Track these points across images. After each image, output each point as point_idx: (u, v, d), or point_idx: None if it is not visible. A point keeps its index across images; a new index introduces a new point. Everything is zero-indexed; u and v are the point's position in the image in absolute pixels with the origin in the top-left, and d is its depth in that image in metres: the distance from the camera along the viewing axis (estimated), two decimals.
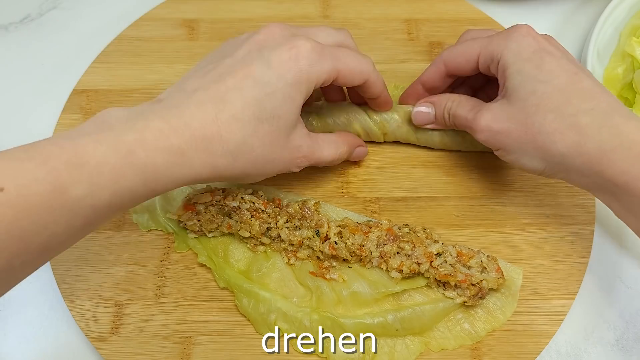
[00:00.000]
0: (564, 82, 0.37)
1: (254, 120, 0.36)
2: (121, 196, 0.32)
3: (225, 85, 0.36)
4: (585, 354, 0.44)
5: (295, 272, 0.44)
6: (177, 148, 0.33)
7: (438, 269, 0.42)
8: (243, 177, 0.38)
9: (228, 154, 0.36)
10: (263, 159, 0.38)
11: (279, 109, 0.37)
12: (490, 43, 0.41)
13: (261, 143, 0.37)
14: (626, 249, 0.48)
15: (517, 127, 0.39)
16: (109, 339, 0.42)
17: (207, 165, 0.35)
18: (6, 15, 0.59)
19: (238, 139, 0.36)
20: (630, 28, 0.54)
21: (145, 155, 0.32)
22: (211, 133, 0.35)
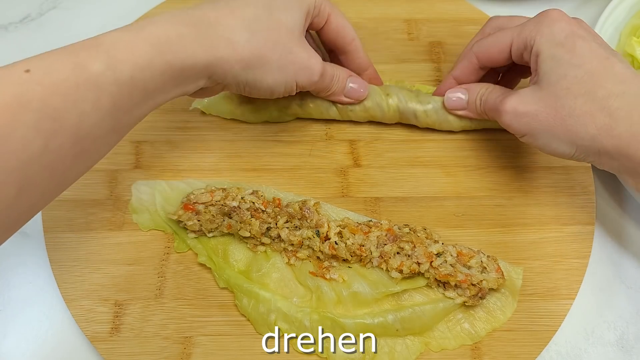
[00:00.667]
0: (596, 66, 0.38)
1: (266, 5, 0.39)
2: (142, 70, 0.33)
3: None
4: (585, 354, 0.44)
5: (295, 272, 0.44)
6: (188, 22, 0.35)
7: (438, 269, 0.42)
8: (262, 64, 0.38)
9: (244, 28, 0.37)
10: (282, 45, 0.39)
11: (288, 2, 0.40)
12: (522, 30, 0.41)
13: (276, 26, 0.39)
14: (626, 249, 0.48)
15: (545, 110, 0.39)
16: (109, 339, 0.42)
17: (222, 38, 0.36)
18: (6, 15, 0.59)
19: (252, 14, 0.38)
20: (630, 28, 0.54)
21: (155, 29, 0.34)
22: (223, 13, 0.37)
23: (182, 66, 0.35)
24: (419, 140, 0.50)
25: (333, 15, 0.44)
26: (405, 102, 0.48)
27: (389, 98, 0.48)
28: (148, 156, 0.49)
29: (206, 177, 0.48)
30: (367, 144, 0.50)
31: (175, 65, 0.34)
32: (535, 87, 0.40)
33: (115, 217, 0.46)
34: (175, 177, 0.48)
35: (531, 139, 0.41)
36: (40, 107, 0.29)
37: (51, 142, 0.30)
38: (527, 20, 0.42)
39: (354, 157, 0.49)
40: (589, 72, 0.38)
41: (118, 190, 0.47)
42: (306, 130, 0.50)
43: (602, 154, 0.38)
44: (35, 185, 0.31)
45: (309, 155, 0.49)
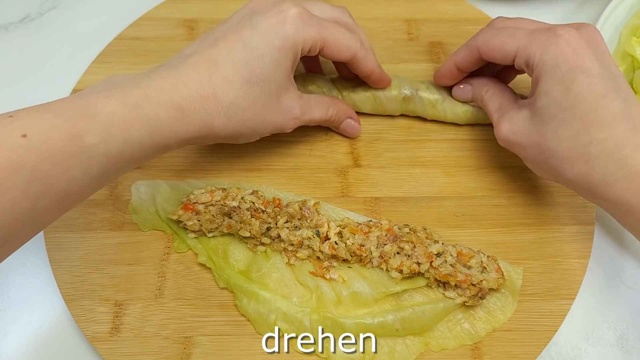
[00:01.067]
0: (587, 109, 0.37)
1: (244, 82, 0.39)
2: (131, 146, 0.35)
3: (218, 48, 0.39)
4: (585, 354, 0.44)
5: (295, 272, 0.44)
6: (177, 105, 0.37)
7: (438, 269, 0.42)
8: (237, 136, 0.42)
9: (222, 114, 0.39)
10: (255, 120, 0.41)
11: (267, 72, 0.40)
12: (529, 46, 0.40)
13: (252, 104, 0.40)
14: (626, 249, 0.48)
15: (532, 146, 0.40)
16: (109, 339, 0.42)
17: (204, 124, 0.38)
18: (6, 15, 0.59)
19: (230, 99, 0.39)
20: (630, 28, 0.54)
21: (150, 109, 0.35)
22: (207, 93, 0.38)
23: (166, 144, 0.37)
24: (419, 140, 0.50)
25: (326, 46, 0.42)
26: (415, 90, 0.48)
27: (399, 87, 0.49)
28: None
29: (206, 177, 0.48)
30: (367, 144, 0.50)
31: (161, 143, 0.37)
32: (528, 117, 0.40)
33: (115, 217, 0.46)
34: (175, 177, 0.48)
35: (524, 160, 0.43)
36: (32, 172, 0.30)
37: (38, 203, 0.31)
38: (537, 29, 0.40)
39: (354, 157, 0.49)
40: (578, 116, 0.37)
41: (118, 190, 0.47)
42: (306, 130, 0.50)
43: (579, 192, 0.41)
44: (17, 239, 0.33)
45: (309, 155, 0.49)
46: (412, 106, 0.49)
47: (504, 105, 0.44)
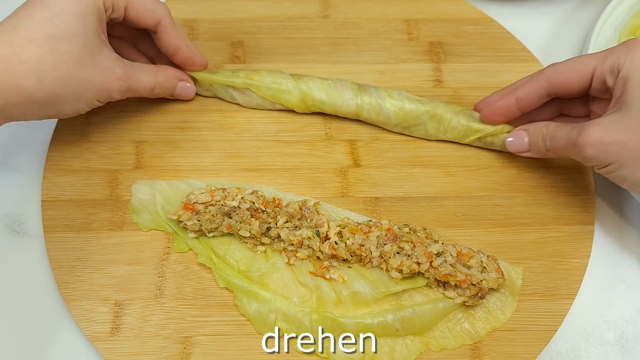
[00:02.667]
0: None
1: (48, 39, 0.38)
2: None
3: (16, 16, 0.39)
4: (585, 354, 0.44)
5: (295, 272, 0.44)
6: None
7: (438, 268, 0.42)
8: (57, 101, 0.40)
9: (32, 74, 0.37)
10: (73, 80, 0.40)
11: (72, 26, 0.39)
12: (608, 57, 0.40)
13: (63, 61, 0.39)
14: (626, 249, 0.48)
15: (635, 137, 0.37)
16: (109, 339, 0.42)
17: (12, 86, 0.37)
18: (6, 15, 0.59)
19: (36, 57, 0.38)
20: (630, 28, 0.54)
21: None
22: (7, 54, 0.37)
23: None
24: (419, 140, 0.50)
25: (130, 4, 0.43)
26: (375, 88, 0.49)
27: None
28: (148, 156, 0.49)
29: (206, 177, 0.48)
30: (367, 144, 0.50)
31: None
32: (621, 113, 0.38)
33: (115, 217, 0.46)
34: (175, 177, 0.48)
35: (616, 168, 0.39)
36: None
37: None
38: (612, 47, 0.41)
39: (354, 157, 0.49)
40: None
41: (118, 190, 0.47)
42: (306, 130, 0.50)
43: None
44: None
45: (309, 155, 0.49)
46: (367, 98, 0.48)
47: (576, 125, 0.40)
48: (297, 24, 0.55)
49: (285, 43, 0.54)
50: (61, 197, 0.47)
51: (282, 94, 0.49)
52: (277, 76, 0.49)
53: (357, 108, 0.48)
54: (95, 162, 0.48)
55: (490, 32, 0.55)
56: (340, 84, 0.49)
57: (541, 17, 0.59)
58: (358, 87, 0.49)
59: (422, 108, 0.48)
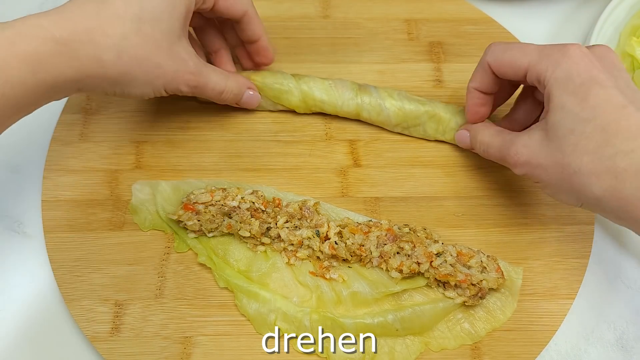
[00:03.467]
0: (607, 120, 0.35)
1: (135, 19, 0.38)
2: (13, 87, 0.33)
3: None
4: (585, 354, 0.44)
5: (295, 272, 0.44)
6: (59, 37, 0.35)
7: (438, 268, 0.42)
8: (129, 80, 0.40)
9: (112, 48, 0.37)
10: (148, 61, 0.39)
11: (159, 11, 0.39)
12: (539, 62, 0.38)
13: (144, 42, 0.39)
14: (626, 248, 0.48)
15: (553, 166, 0.38)
16: (109, 339, 0.42)
17: (92, 57, 0.37)
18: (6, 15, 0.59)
19: (119, 33, 0.37)
20: (630, 28, 0.54)
21: (27, 44, 0.34)
22: (93, 26, 0.37)
23: (54, 83, 0.36)
24: (419, 140, 0.50)
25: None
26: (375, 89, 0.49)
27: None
28: (148, 156, 0.49)
29: (206, 177, 0.48)
30: (367, 144, 0.50)
31: (48, 82, 0.35)
32: (545, 135, 0.38)
33: (115, 217, 0.46)
34: (175, 177, 0.48)
35: (543, 187, 0.40)
36: None
37: None
38: (548, 46, 0.39)
39: (354, 157, 0.49)
40: (598, 127, 0.35)
41: (118, 190, 0.47)
42: (306, 130, 0.50)
43: (608, 213, 0.37)
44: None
45: (309, 155, 0.49)
46: (368, 98, 0.48)
47: (508, 139, 0.41)
48: (297, 24, 0.55)
49: (285, 43, 0.54)
50: (61, 197, 0.47)
51: (284, 94, 0.49)
52: (278, 76, 0.49)
53: (357, 108, 0.48)
54: (95, 162, 0.48)
55: (490, 32, 0.55)
56: (341, 84, 0.49)
57: (541, 17, 0.59)
58: (358, 87, 0.49)
59: (422, 108, 0.48)
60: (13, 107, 0.34)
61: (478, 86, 0.44)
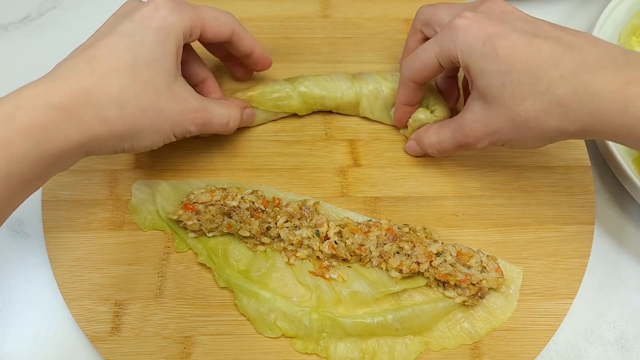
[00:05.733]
0: (525, 61, 0.37)
1: (129, 68, 0.37)
2: (19, 164, 0.32)
3: (94, 46, 0.37)
4: (585, 354, 0.44)
5: (295, 272, 0.44)
6: (59, 104, 0.34)
7: (438, 268, 0.42)
8: (137, 132, 0.38)
9: (114, 103, 0.36)
10: (152, 108, 0.38)
11: (151, 54, 0.38)
12: (441, 46, 0.40)
13: (144, 90, 0.38)
14: (626, 248, 0.48)
15: (506, 123, 0.39)
16: (109, 339, 0.42)
17: (95, 117, 0.35)
18: (6, 15, 0.59)
19: (118, 85, 0.36)
20: (630, 28, 0.54)
21: (27, 117, 0.32)
22: (89, 84, 0.35)
23: (59, 152, 0.34)
24: None
25: (206, 25, 0.42)
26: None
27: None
28: (148, 156, 0.49)
29: (206, 177, 0.48)
30: (367, 143, 0.50)
31: (53, 152, 0.34)
32: (483, 103, 0.40)
33: (115, 217, 0.46)
34: (175, 177, 0.48)
35: (510, 146, 0.42)
36: None
37: None
38: (438, 34, 0.41)
39: (354, 157, 0.49)
40: (521, 71, 0.37)
41: (118, 190, 0.47)
42: (306, 130, 0.50)
43: (576, 135, 0.38)
44: None
45: (309, 155, 0.49)
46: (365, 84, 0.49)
47: (454, 125, 0.43)
48: (296, 24, 0.55)
49: (285, 43, 0.54)
50: (61, 197, 0.47)
51: (283, 101, 0.49)
52: (273, 85, 0.49)
53: (356, 96, 0.49)
54: (95, 162, 0.48)
55: None
56: (336, 77, 0.49)
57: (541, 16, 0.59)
58: (352, 76, 0.49)
59: None
60: (20, 183, 0.32)
61: (405, 100, 0.46)
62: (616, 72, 0.35)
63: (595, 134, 0.37)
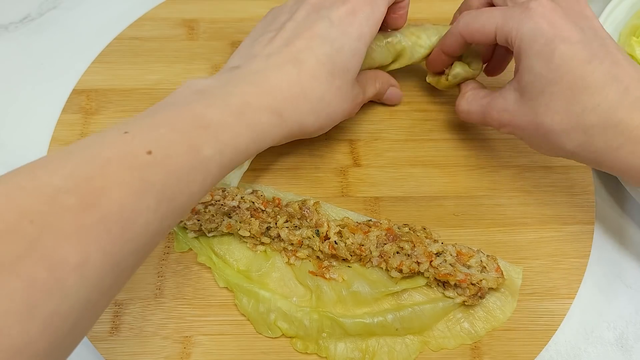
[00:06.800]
0: (573, 78, 0.36)
1: (329, 76, 0.39)
2: (238, 154, 0.34)
3: (296, 46, 0.38)
4: (585, 354, 0.44)
5: (295, 272, 0.44)
6: (276, 109, 0.36)
7: (438, 268, 0.42)
8: (320, 131, 0.41)
9: (311, 112, 0.38)
10: (337, 113, 0.41)
11: (348, 63, 0.39)
12: (505, 24, 0.39)
13: (335, 97, 0.40)
14: (626, 248, 0.48)
15: (529, 125, 0.40)
16: (108, 339, 0.42)
17: (295, 123, 0.38)
18: (6, 15, 0.59)
19: (318, 95, 0.38)
20: (630, 28, 0.54)
21: (253, 115, 0.35)
22: (297, 92, 0.37)
23: (264, 147, 0.37)
24: (418, 140, 0.50)
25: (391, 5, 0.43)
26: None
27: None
28: None
29: None
30: (367, 143, 0.50)
31: (261, 148, 0.36)
32: (518, 97, 0.40)
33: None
34: None
35: (526, 143, 0.42)
36: (161, 190, 0.29)
37: (164, 222, 0.30)
38: (513, 6, 0.40)
39: (354, 157, 0.49)
40: (565, 86, 0.37)
41: None
42: None
43: (587, 163, 0.39)
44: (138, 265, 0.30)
45: (309, 155, 0.49)
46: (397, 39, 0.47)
47: (486, 102, 0.43)
48: None
49: None
50: None
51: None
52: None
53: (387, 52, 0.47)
54: None
55: None
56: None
57: None
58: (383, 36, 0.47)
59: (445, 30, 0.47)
60: (229, 171, 0.34)
61: (446, 49, 0.45)
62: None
63: (606, 167, 0.38)
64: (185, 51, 0.54)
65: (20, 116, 0.53)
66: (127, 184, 0.27)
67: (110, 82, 0.53)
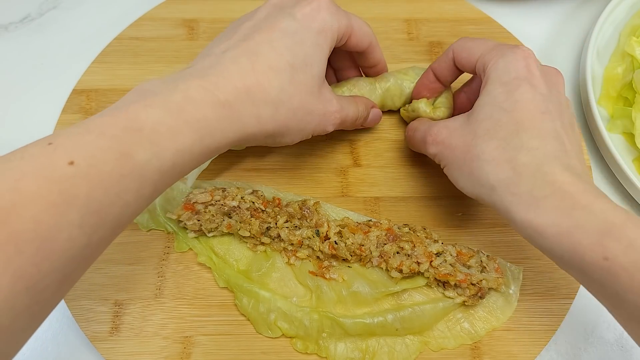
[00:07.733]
0: (524, 116, 0.36)
1: (288, 68, 0.37)
2: (182, 156, 0.32)
3: (254, 40, 0.37)
4: (585, 354, 0.44)
5: (295, 272, 0.44)
6: (225, 101, 0.34)
7: (438, 268, 0.42)
8: (285, 130, 0.38)
9: (270, 103, 0.36)
10: (302, 109, 0.38)
11: (310, 56, 0.38)
12: (489, 53, 0.40)
13: (298, 91, 0.38)
14: None
15: (461, 146, 0.38)
16: (108, 339, 0.42)
17: (252, 116, 0.36)
18: (6, 15, 0.59)
19: (276, 86, 0.36)
20: (630, 28, 0.54)
21: (196, 111, 0.32)
22: (251, 83, 0.35)
23: (216, 148, 0.34)
24: None
25: (353, 33, 0.42)
26: None
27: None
28: None
29: (206, 177, 0.48)
30: (367, 143, 0.50)
31: (211, 148, 0.34)
32: (465, 119, 0.39)
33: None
34: None
35: (446, 171, 0.40)
36: (86, 203, 0.27)
37: (94, 236, 0.28)
38: (503, 44, 0.40)
39: (354, 157, 0.49)
40: (514, 120, 0.36)
41: None
42: None
43: (500, 210, 0.36)
44: (71, 280, 0.29)
45: (309, 155, 0.49)
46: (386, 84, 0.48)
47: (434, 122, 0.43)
48: None
49: None
50: None
51: None
52: None
53: (382, 98, 0.48)
54: None
55: (490, 31, 0.55)
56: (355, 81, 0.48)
57: (541, 17, 0.59)
58: (373, 78, 0.48)
59: None
60: (179, 174, 0.32)
61: (435, 67, 0.45)
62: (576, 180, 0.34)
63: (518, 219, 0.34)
64: (185, 51, 0.54)
65: (20, 116, 0.53)
66: (43, 199, 0.26)
67: (110, 82, 0.53)
